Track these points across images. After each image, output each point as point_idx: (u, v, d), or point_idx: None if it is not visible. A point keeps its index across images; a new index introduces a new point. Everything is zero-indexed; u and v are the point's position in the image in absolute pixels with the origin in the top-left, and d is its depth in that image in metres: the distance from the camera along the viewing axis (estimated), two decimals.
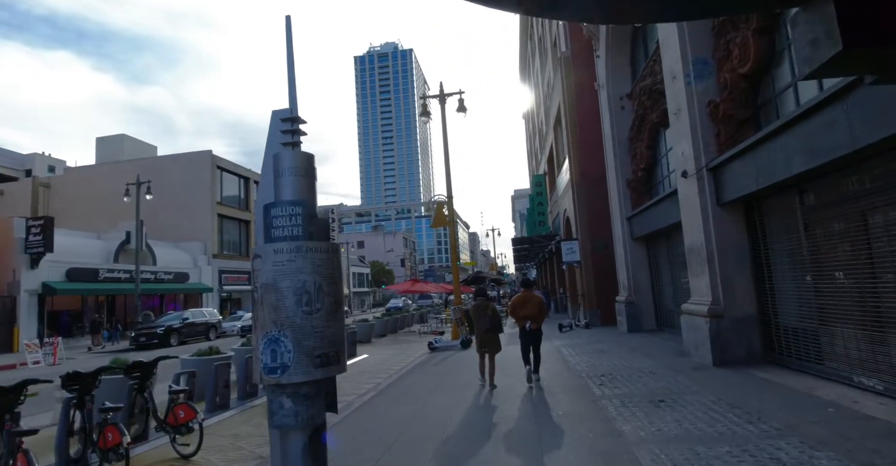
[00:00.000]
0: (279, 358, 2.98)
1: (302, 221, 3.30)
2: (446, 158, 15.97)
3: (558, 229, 23.11)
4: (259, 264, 3.31)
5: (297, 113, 3.67)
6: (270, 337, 3.01)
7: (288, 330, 3.03)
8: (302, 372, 3.03)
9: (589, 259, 15.77)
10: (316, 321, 3.12)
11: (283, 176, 3.39)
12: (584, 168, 16.04)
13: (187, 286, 33.65)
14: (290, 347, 2.97)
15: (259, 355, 3.08)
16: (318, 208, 3.70)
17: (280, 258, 3.16)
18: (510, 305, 7.85)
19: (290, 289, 3.07)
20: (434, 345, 12.91)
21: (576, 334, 14.02)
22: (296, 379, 3.09)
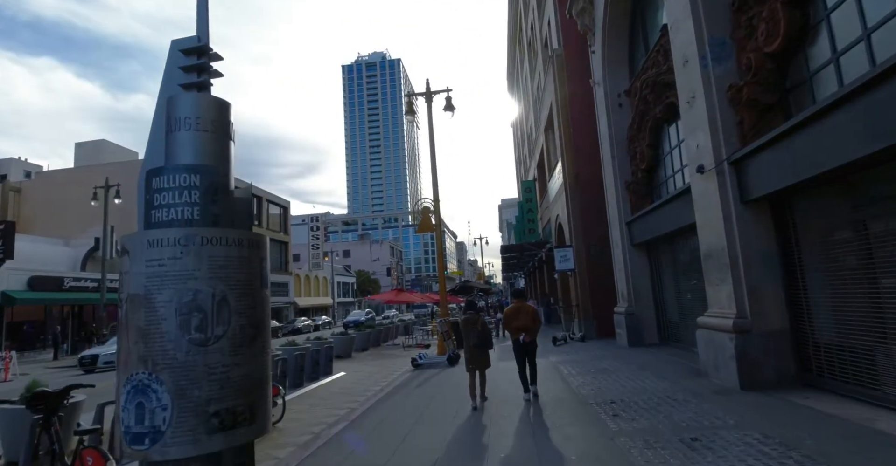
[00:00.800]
0: (149, 417, 1.83)
1: (200, 198, 2.16)
2: (433, 160, 14.93)
3: (549, 236, 22.15)
4: (128, 264, 2.15)
5: (208, 42, 2.52)
6: (136, 384, 1.86)
7: (165, 373, 1.89)
8: (186, 440, 1.89)
9: (584, 267, 14.77)
10: (213, 356, 1.97)
11: (178, 130, 2.24)
12: (578, 170, 15.12)
13: None
14: (166, 400, 1.82)
15: (119, 411, 1.92)
16: (240, 185, 2.55)
17: (157, 254, 2.01)
18: (503, 317, 7.42)
19: (172, 305, 1.92)
20: (418, 362, 11.73)
21: (571, 348, 12.95)
22: (176, 455, 1.94)
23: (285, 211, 51.17)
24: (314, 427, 6.82)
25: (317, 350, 11.22)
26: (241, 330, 1.96)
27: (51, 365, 20.98)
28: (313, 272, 56.66)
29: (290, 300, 49.55)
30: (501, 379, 8.74)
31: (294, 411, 7.98)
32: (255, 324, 2.02)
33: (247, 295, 2.00)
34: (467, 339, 7.05)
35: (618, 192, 12.45)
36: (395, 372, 11.84)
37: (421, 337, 20.04)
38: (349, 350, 15.85)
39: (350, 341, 15.93)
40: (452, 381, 9.29)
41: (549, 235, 22.25)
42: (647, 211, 11.26)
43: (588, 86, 14.51)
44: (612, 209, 12.88)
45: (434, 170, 14.84)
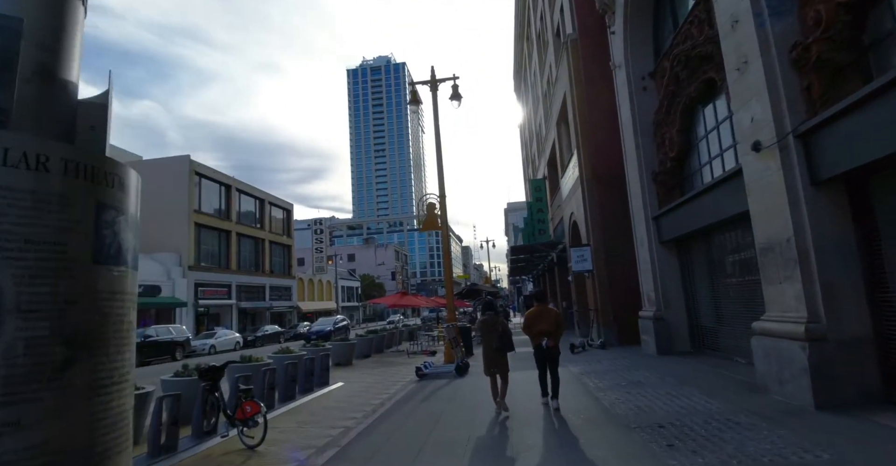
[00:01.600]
0: None
1: None
2: (438, 152, 13.86)
3: (561, 236, 20.98)
4: None
5: None
6: None
7: None
8: None
9: (603, 267, 13.59)
10: None
11: None
12: (596, 164, 13.98)
13: (158, 300, 30.96)
14: None
15: None
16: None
17: None
18: (524, 321, 7.01)
19: None
20: (423, 371, 10.58)
21: (592, 356, 11.75)
22: None
23: (288, 213, 50.30)
24: (299, 452, 5.70)
25: (311, 358, 10.10)
26: (25, 351, 0.83)
27: None
28: (317, 276, 55.70)
29: (294, 304, 48.56)
30: (518, 391, 7.58)
31: (280, 430, 6.87)
32: (69, 337, 0.89)
33: (51, 277, 0.87)
34: (487, 342, 6.70)
35: (643, 185, 11.30)
36: (397, 382, 10.70)
37: (427, 343, 18.88)
38: (349, 357, 14.73)
39: (350, 348, 14.80)
40: (462, 396, 8.14)
41: (561, 235, 21.08)
42: (678, 204, 10.10)
43: (606, 72, 13.40)
44: (636, 203, 11.72)
45: (440, 163, 13.77)
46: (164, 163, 36.03)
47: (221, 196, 39.40)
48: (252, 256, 42.87)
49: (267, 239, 44.78)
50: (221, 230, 38.49)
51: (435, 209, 13.72)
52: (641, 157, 11.35)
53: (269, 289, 44.09)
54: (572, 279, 17.69)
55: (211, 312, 37.31)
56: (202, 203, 36.48)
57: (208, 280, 35.82)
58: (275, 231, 46.87)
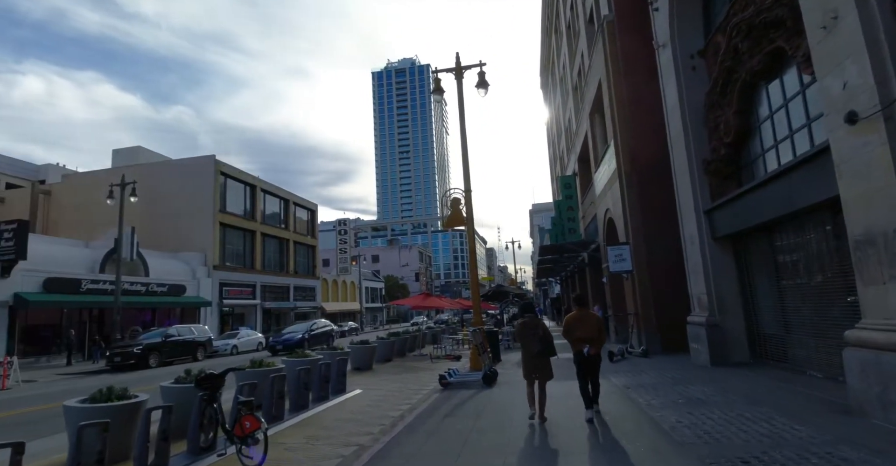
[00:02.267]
0: None
1: None
2: (463, 145, 12.96)
3: (593, 235, 19.78)
4: None
5: None
6: None
7: None
8: None
9: (644, 267, 12.42)
10: None
11: None
12: (636, 154, 12.82)
13: (183, 299, 31.01)
14: None
15: None
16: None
17: None
18: (563, 325, 6.46)
19: None
20: (447, 380, 9.66)
21: (634, 366, 10.62)
22: None
23: (313, 214, 50.25)
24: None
25: (326, 363, 9.31)
26: None
27: (63, 371, 19.95)
28: (341, 277, 55.54)
29: (317, 305, 48.39)
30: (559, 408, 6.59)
31: (286, 446, 6.08)
32: None
33: None
34: (527, 347, 6.30)
35: (692, 175, 10.13)
36: (419, 390, 9.82)
37: (451, 348, 17.97)
38: (369, 361, 13.94)
39: (370, 351, 14.02)
40: (492, 410, 7.19)
41: (593, 234, 19.88)
42: (736, 195, 8.92)
43: (646, 54, 12.27)
44: (685, 196, 10.54)
45: (465, 155, 12.87)
46: (190, 164, 36.26)
47: (246, 196, 39.44)
48: (276, 256, 42.85)
49: (291, 239, 44.73)
50: (246, 230, 38.51)
51: (460, 204, 12.82)
52: (690, 145, 10.19)
53: (294, 290, 43.99)
54: (607, 281, 16.51)
55: (235, 312, 37.33)
56: (227, 203, 36.54)
57: (233, 280, 35.82)
58: (299, 231, 46.82)
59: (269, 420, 7.46)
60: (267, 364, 8.93)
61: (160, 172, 36.37)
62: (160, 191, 35.45)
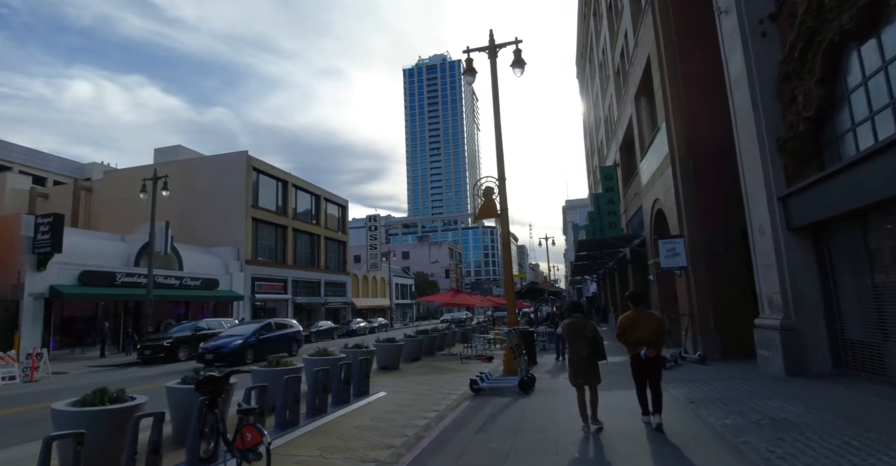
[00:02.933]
0: None
1: None
2: (497, 130, 11.95)
3: (637, 229, 18.40)
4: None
5: None
6: None
7: None
8: None
9: (701, 263, 11.09)
10: None
11: None
12: (692, 136, 11.49)
13: (216, 293, 31.24)
14: None
15: None
16: None
17: None
18: (619, 326, 5.90)
19: None
20: (479, 385, 8.71)
21: (692, 374, 9.40)
22: None
23: (343, 210, 50.20)
24: None
25: (348, 364, 8.53)
26: None
27: (95, 363, 20.11)
28: (371, 272, 55.37)
29: (348, 300, 48.33)
30: (617, 431, 5.55)
31: (296, 460, 5.33)
32: None
33: None
34: (574, 349, 5.87)
35: (764, 156, 8.79)
36: (448, 395, 8.92)
37: (482, 348, 17.02)
38: (396, 360, 13.15)
39: (397, 350, 13.22)
40: (532, 424, 6.21)
41: (637, 228, 18.49)
42: (821, 177, 7.59)
43: (701, 25, 10.94)
44: (753, 181, 9.21)
45: (499, 140, 11.86)
46: (223, 159, 36.56)
47: (278, 191, 39.56)
48: (308, 252, 42.90)
49: (322, 235, 44.72)
50: (278, 225, 38.61)
51: (493, 194, 11.82)
52: (761, 122, 8.85)
53: (324, 285, 43.99)
54: (654, 278, 15.17)
55: (267, 306, 37.49)
56: (259, 198, 36.67)
57: (265, 274, 35.94)
58: (330, 227, 46.80)
59: (283, 426, 6.73)
60: (284, 363, 8.24)
61: (195, 168, 36.85)
62: (195, 186, 35.91)
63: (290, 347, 19.16)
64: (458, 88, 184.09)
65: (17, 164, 43.96)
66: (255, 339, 17.43)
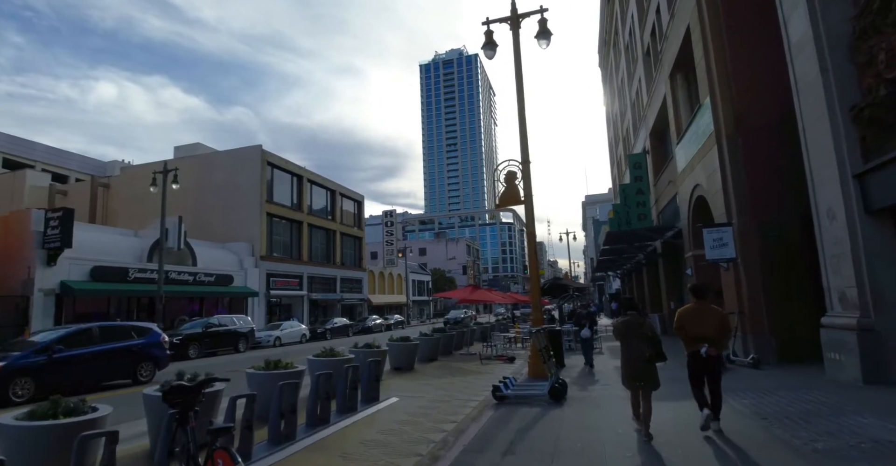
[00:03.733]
0: None
1: None
2: (520, 108, 10.86)
3: (670, 220, 17.08)
4: None
5: None
6: None
7: None
8: None
9: (754, 254, 9.82)
10: None
11: None
12: (743, 112, 10.19)
13: (230, 289, 30.78)
14: None
15: None
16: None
17: None
18: (676, 321, 5.47)
19: None
20: (503, 392, 7.67)
21: (746, 381, 8.21)
22: None
23: (359, 205, 49.54)
24: None
25: (355, 366, 7.58)
26: None
27: None
28: (388, 269, 54.69)
29: (364, 297, 47.72)
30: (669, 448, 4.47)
31: None
32: None
33: None
34: (630, 350, 5.36)
35: (836, 127, 7.52)
36: (468, 402, 7.92)
37: (502, 347, 15.96)
38: (411, 361, 12.20)
39: (412, 349, 12.27)
40: (571, 445, 5.15)
41: (671, 219, 17.18)
42: None
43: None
44: (821, 157, 7.94)
45: (522, 120, 10.76)
46: (237, 154, 36.11)
47: (293, 186, 39.01)
48: (323, 248, 42.35)
49: (338, 230, 44.12)
50: (293, 220, 38.08)
51: (516, 179, 10.74)
52: (831, 87, 7.58)
53: (340, 281, 43.41)
54: (692, 272, 13.90)
55: (283, 303, 37.03)
56: (274, 193, 36.16)
57: (280, 270, 35.44)
58: (346, 222, 46.18)
59: (277, 441, 5.80)
60: (284, 365, 7.34)
61: (209, 163, 36.51)
62: (210, 182, 35.57)
63: (127, 368, 11.81)
64: (475, 83, 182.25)
65: (39, 162, 44.42)
66: (46, 359, 10.10)
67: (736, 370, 9.23)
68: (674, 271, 18.70)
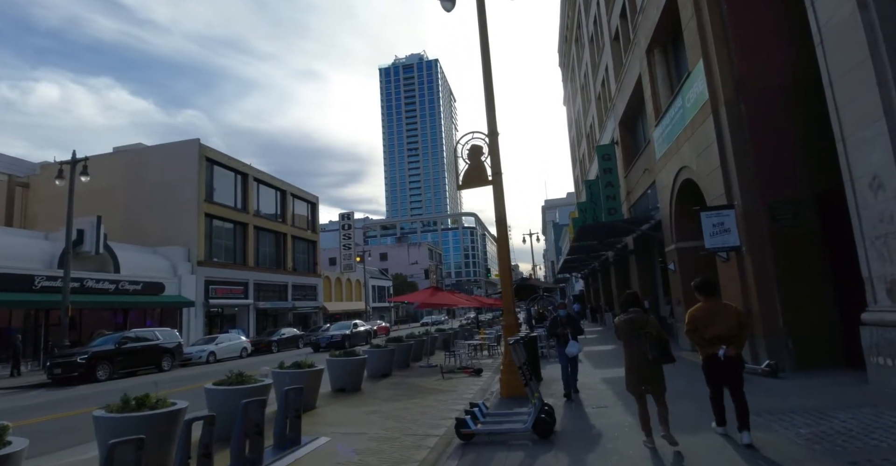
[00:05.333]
0: None
1: None
2: (485, 67, 8.97)
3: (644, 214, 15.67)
4: None
5: None
6: None
7: None
8: None
9: (762, 240, 8.29)
10: None
11: None
12: (745, 72, 8.68)
13: (161, 299, 27.41)
14: None
15: None
16: None
17: None
18: (689, 321, 4.87)
19: None
20: (471, 428, 5.59)
21: (771, 394, 6.58)
22: None
23: (313, 207, 46.65)
24: None
25: (259, 401, 5.29)
26: None
27: (5, 383, 16.36)
28: (345, 274, 51.82)
29: (319, 304, 44.73)
30: None
31: None
32: None
33: None
34: (633, 351, 4.80)
35: (882, 75, 5.98)
36: (424, 440, 5.85)
37: (467, 356, 13.98)
38: (357, 379, 9.97)
39: (358, 366, 10.03)
40: None
41: (643, 213, 15.78)
42: None
43: None
44: (857, 115, 6.42)
45: (488, 79, 8.88)
46: (172, 149, 32.68)
47: (237, 185, 35.83)
48: (272, 252, 39.23)
49: (289, 233, 41.09)
50: (237, 222, 34.90)
51: (482, 154, 8.83)
52: (874, 25, 6.06)
53: (293, 288, 40.36)
54: (676, 267, 12.42)
55: (225, 313, 33.71)
56: (215, 192, 32.92)
57: (221, 277, 32.19)
58: (298, 225, 43.18)
59: None
60: (152, 403, 4.98)
61: (141, 160, 32.90)
62: (142, 180, 32.02)
63: None
64: (435, 88, 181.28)
65: None
66: None
67: (749, 379, 7.59)
68: (647, 268, 17.36)
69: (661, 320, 15.00)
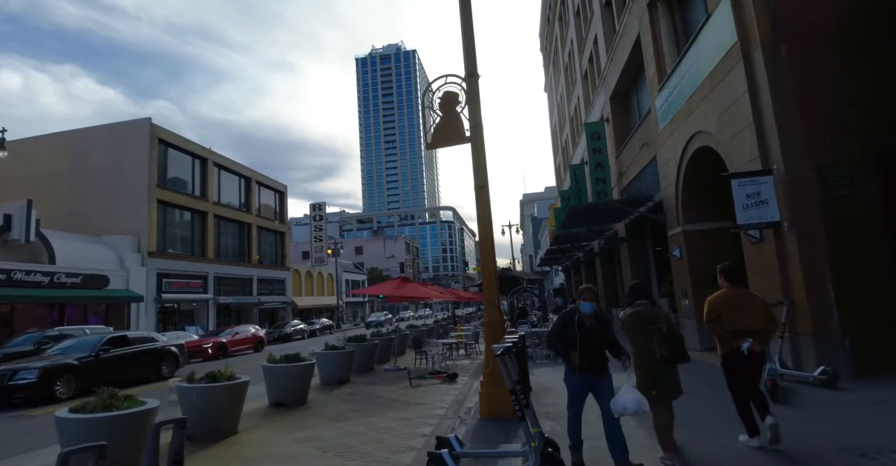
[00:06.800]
0: None
1: None
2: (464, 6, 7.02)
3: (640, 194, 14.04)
4: None
5: None
6: None
7: None
8: None
9: (813, 212, 6.59)
10: None
11: None
12: (787, 11, 6.96)
13: (105, 293, 24.68)
14: None
15: None
16: None
17: None
18: (709, 307, 4.34)
19: None
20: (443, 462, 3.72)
21: (841, 417, 4.90)
22: None
23: (281, 196, 43.99)
24: None
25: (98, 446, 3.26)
26: None
27: None
28: (317, 268, 49.32)
29: (288, 299, 42.25)
30: None
31: None
32: None
33: None
34: (642, 349, 4.00)
35: None
36: None
37: (441, 357, 12.10)
38: (301, 391, 7.92)
39: (303, 373, 7.99)
40: None
41: (641, 192, 14.15)
42: None
43: None
44: None
45: (467, 19, 6.94)
46: (120, 129, 29.66)
47: (195, 170, 33.02)
48: (235, 244, 36.56)
49: (255, 224, 38.43)
50: (195, 211, 32.14)
51: (458, 103, 6.90)
52: None
53: (258, 282, 37.79)
54: (681, 254, 10.77)
55: (181, 309, 31.07)
56: (168, 177, 30.11)
57: (176, 269, 29.50)
58: (265, 215, 40.52)
59: None
60: None
61: (86, 141, 29.78)
62: (86, 163, 29.01)
63: None
64: (413, 79, 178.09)
65: None
66: None
67: (797, 391, 5.93)
68: (640, 257, 15.79)
69: None
